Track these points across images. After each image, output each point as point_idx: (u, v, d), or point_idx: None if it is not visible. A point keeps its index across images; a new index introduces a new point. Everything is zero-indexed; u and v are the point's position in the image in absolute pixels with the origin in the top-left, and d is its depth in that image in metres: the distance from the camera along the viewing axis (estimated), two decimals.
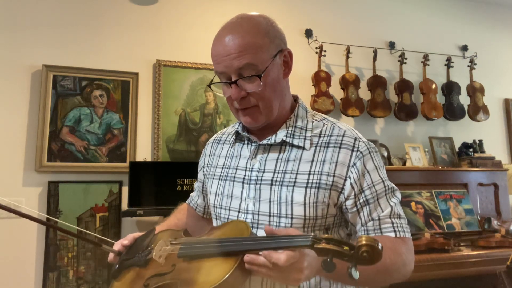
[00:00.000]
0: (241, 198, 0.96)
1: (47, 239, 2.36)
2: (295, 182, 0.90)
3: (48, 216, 1.09)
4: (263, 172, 0.95)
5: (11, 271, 2.30)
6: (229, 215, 0.98)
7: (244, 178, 0.97)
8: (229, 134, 1.11)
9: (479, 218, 2.60)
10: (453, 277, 2.12)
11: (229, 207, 0.99)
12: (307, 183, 0.89)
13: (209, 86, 0.99)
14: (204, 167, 1.15)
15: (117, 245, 0.98)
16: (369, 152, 0.92)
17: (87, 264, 2.41)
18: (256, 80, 0.88)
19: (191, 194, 1.27)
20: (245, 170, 0.98)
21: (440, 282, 2.17)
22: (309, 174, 0.90)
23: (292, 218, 0.88)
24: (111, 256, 0.97)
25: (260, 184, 0.94)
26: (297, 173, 0.90)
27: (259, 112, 0.92)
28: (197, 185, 1.23)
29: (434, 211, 2.51)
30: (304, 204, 0.88)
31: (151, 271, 0.86)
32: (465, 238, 2.38)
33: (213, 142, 1.16)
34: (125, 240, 0.98)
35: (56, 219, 0.98)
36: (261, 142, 0.97)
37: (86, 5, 2.66)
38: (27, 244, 2.35)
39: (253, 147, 0.99)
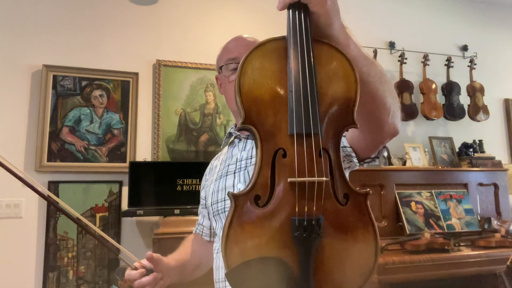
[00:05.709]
0: (233, 186, 1.01)
1: (47, 239, 2.36)
2: None
3: (49, 193, 1.08)
4: (251, 158, 1.01)
5: (11, 271, 2.30)
6: (224, 205, 1.02)
7: (235, 169, 1.03)
8: (224, 148, 1.21)
9: (479, 218, 2.60)
10: (453, 277, 2.12)
11: (224, 198, 1.03)
12: None
13: (220, 68, 1.09)
14: (204, 183, 1.21)
15: (136, 263, 0.97)
16: None
17: (87, 264, 2.41)
18: None
19: (197, 222, 1.29)
20: (236, 163, 1.04)
21: (440, 282, 2.17)
22: None
23: None
24: (133, 273, 0.95)
25: (250, 168, 1.00)
26: None
27: None
28: (200, 208, 1.25)
29: (434, 211, 2.51)
30: None
31: None
32: (465, 238, 2.38)
33: (211, 161, 1.25)
34: (145, 261, 0.97)
35: (57, 198, 0.96)
36: (248, 134, 1.05)
37: (86, 5, 2.66)
38: (27, 244, 2.35)
39: (241, 143, 1.07)
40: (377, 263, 0.65)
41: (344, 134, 0.79)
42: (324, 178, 0.62)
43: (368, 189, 0.68)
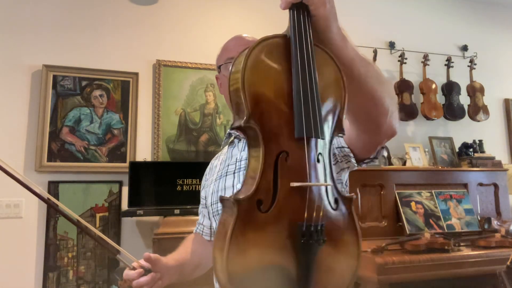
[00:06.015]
0: (232, 187, 1.01)
1: (47, 239, 2.36)
2: None
3: (49, 196, 1.08)
4: None
5: (11, 271, 2.30)
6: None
7: (234, 170, 1.04)
8: (223, 148, 1.21)
9: (479, 218, 2.60)
10: (453, 277, 2.12)
11: None
12: None
13: (219, 67, 1.09)
14: (204, 183, 1.21)
15: (134, 263, 0.96)
16: None
17: (87, 264, 2.41)
18: None
19: (197, 222, 1.29)
20: (235, 163, 1.04)
21: (440, 282, 2.17)
22: None
23: None
24: (131, 273, 0.95)
25: None
26: None
27: None
28: (201, 208, 1.25)
29: (434, 211, 2.51)
30: None
31: None
32: (465, 238, 2.37)
33: (212, 160, 1.25)
34: (143, 261, 0.97)
35: (57, 201, 0.96)
36: None
37: (86, 5, 2.66)
38: (27, 244, 2.35)
39: (241, 143, 1.07)
40: (360, 262, 0.67)
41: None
42: (329, 183, 0.63)
43: (352, 194, 0.69)
